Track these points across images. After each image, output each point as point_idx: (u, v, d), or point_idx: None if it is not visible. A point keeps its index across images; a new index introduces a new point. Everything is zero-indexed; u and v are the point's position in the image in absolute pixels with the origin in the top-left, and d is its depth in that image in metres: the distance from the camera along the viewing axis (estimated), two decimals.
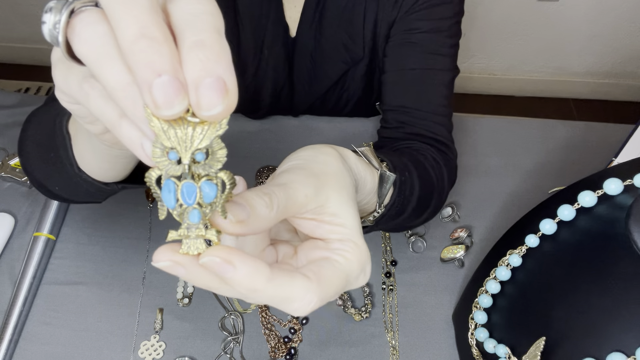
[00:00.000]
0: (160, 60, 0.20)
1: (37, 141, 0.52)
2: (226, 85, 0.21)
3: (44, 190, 0.58)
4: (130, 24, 0.21)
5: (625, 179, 0.43)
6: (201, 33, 0.21)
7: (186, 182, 0.23)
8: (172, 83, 0.20)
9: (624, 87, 1.87)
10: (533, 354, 0.42)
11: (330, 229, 0.30)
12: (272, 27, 0.71)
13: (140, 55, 0.20)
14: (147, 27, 0.21)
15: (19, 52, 2.00)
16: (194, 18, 0.22)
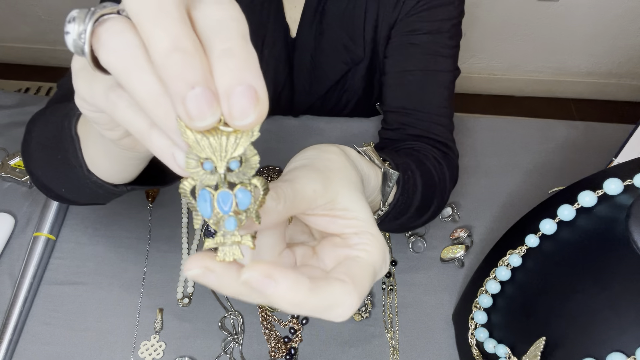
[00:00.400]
0: (193, 72, 0.20)
1: (43, 143, 0.52)
2: (257, 93, 0.21)
3: (48, 192, 0.58)
4: (163, 36, 0.20)
5: (625, 179, 0.43)
6: (229, 41, 0.21)
7: (222, 190, 0.23)
8: (205, 95, 0.20)
9: (624, 87, 1.87)
10: (533, 354, 0.42)
11: (345, 223, 0.30)
12: (272, 27, 0.71)
13: (174, 68, 0.20)
14: (179, 39, 0.20)
15: (19, 52, 2.00)
16: (220, 25, 0.22)
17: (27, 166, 0.57)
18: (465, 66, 1.86)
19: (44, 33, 1.91)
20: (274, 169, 0.73)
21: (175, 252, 0.65)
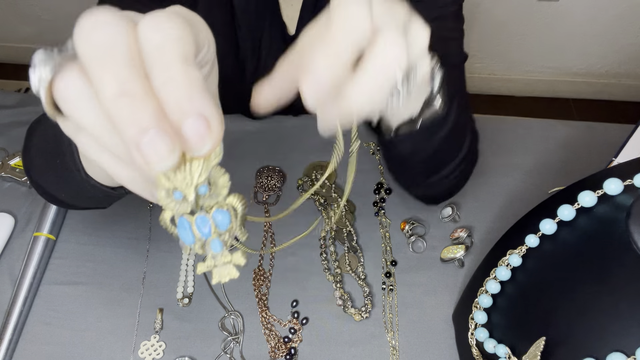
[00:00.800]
0: (143, 115, 0.19)
1: (42, 149, 0.52)
2: (207, 121, 0.21)
3: (49, 197, 0.58)
4: (108, 81, 0.20)
5: (625, 179, 0.43)
6: (169, 69, 0.20)
7: (198, 215, 0.23)
8: (159, 137, 0.19)
9: (624, 87, 1.87)
10: (533, 354, 0.42)
11: None
12: (269, 27, 0.71)
13: (122, 113, 0.19)
14: (126, 83, 0.20)
15: (19, 52, 2.00)
16: (159, 51, 0.21)
17: (28, 173, 0.58)
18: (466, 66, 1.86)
19: (44, 33, 1.91)
20: (274, 169, 0.73)
21: (175, 252, 0.65)
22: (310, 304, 0.62)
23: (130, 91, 0.20)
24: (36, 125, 0.56)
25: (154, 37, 0.21)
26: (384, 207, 0.70)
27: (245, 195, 0.71)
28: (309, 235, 0.67)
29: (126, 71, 0.20)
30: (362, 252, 0.66)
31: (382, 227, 0.68)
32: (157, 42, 0.21)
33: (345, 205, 0.69)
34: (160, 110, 0.20)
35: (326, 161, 0.74)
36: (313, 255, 0.65)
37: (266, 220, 0.69)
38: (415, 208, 0.70)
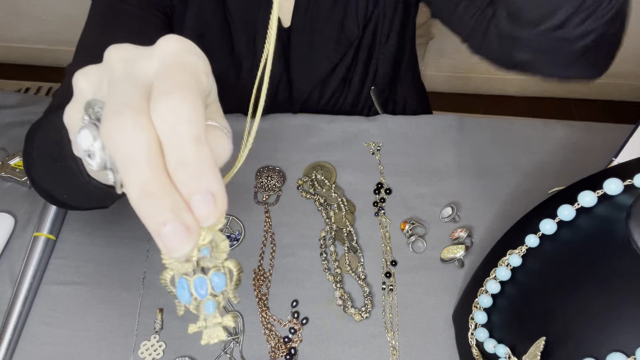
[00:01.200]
0: (162, 213, 0.23)
1: (43, 152, 0.52)
2: (214, 196, 0.24)
3: (51, 199, 0.59)
4: (133, 186, 0.23)
5: (625, 179, 0.43)
6: (182, 151, 0.23)
7: (197, 276, 0.25)
8: (175, 231, 0.23)
9: (624, 87, 1.87)
10: (533, 354, 0.42)
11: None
12: (262, 21, 0.71)
13: (145, 211, 0.23)
14: (147, 185, 0.23)
15: (19, 52, 2.00)
16: (173, 132, 0.23)
17: (30, 175, 0.58)
18: (465, 66, 1.86)
19: (44, 33, 1.91)
20: (274, 169, 0.73)
21: None
22: (310, 304, 0.62)
23: (151, 192, 0.23)
24: (36, 128, 0.56)
25: (169, 117, 0.23)
26: (384, 207, 0.70)
27: (246, 195, 0.71)
28: (308, 235, 0.67)
29: (147, 173, 0.23)
30: (362, 252, 0.66)
31: (382, 227, 0.68)
32: (172, 122, 0.23)
33: (345, 206, 0.69)
34: (178, 204, 0.23)
35: (326, 161, 0.74)
36: (313, 255, 0.65)
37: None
38: (415, 208, 0.70)
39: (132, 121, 0.23)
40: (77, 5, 1.79)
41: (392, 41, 0.78)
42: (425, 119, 0.80)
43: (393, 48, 0.79)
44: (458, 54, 1.82)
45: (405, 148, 0.76)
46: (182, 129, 0.23)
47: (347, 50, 0.76)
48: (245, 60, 0.75)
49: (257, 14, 0.71)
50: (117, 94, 0.25)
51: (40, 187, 0.59)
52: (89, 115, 0.26)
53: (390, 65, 0.81)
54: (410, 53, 0.86)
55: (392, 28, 0.77)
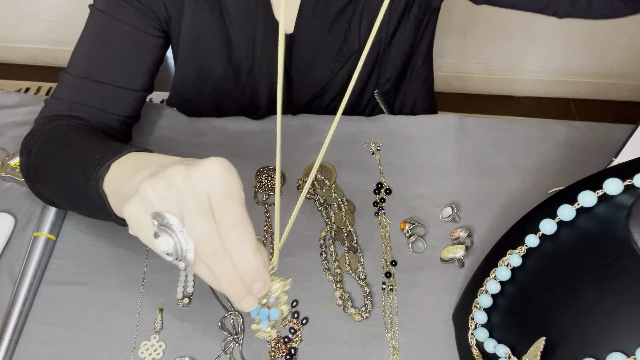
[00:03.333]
0: (241, 293, 0.39)
1: (58, 187, 0.58)
2: (265, 282, 0.40)
3: (52, 204, 0.64)
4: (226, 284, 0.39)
5: (625, 179, 0.43)
6: (249, 261, 0.38)
7: (262, 309, 0.42)
8: (248, 300, 0.40)
9: (624, 87, 1.87)
10: (533, 354, 0.42)
11: None
12: (262, 27, 0.71)
13: (231, 293, 0.39)
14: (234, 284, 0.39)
15: (19, 52, 2.00)
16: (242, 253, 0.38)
17: (32, 186, 0.63)
18: (465, 66, 1.86)
19: (44, 33, 1.91)
20: (274, 169, 0.73)
21: None
22: (310, 304, 0.62)
23: (235, 285, 0.39)
24: (40, 151, 0.60)
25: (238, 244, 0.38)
26: (384, 207, 0.70)
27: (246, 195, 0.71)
28: (308, 235, 0.67)
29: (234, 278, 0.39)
30: (362, 252, 0.66)
31: (382, 227, 0.68)
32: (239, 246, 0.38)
33: (345, 206, 0.69)
34: (247, 288, 0.39)
35: (326, 161, 0.74)
36: (313, 255, 0.65)
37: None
38: (415, 208, 0.70)
39: (223, 257, 0.38)
40: (77, 5, 1.79)
41: (401, 50, 0.78)
42: (425, 119, 0.80)
43: (402, 56, 0.79)
44: (458, 54, 1.83)
45: (405, 148, 0.76)
46: (247, 249, 0.38)
47: (348, 61, 0.76)
48: (243, 64, 0.75)
49: (255, 19, 0.71)
50: (192, 204, 0.37)
51: (42, 195, 0.61)
52: (157, 221, 0.38)
53: (397, 70, 0.81)
54: (426, 57, 0.85)
55: (402, 38, 0.77)
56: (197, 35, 0.71)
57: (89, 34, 0.68)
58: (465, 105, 1.88)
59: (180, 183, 0.37)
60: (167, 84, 0.81)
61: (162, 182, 0.38)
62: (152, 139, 0.77)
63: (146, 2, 0.67)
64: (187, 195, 0.37)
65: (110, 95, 0.67)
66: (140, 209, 0.39)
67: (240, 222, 0.37)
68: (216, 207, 0.37)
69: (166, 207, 0.37)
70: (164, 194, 0.37)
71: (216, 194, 0.37)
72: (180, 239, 0.37)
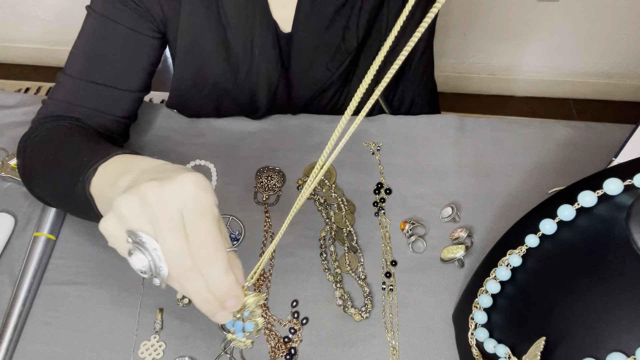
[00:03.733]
0: (214, 309, 0.40)
1: (51, 188, 0.59)
2: (237, 298, 0.40)
3: (47, 204, 0.65)
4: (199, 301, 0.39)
5: (625, 179, 0.43)
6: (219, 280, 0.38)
7: (237, 321, 0.43)
8: (221, 314, 0.41)
9: (624, 87, 1.87)
10: (533, 354, 0.42)
11: None
12: (259, 27, 0.71)
13: (205, 309, 0.40)
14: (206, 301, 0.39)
15: (19, 52, 2.00)
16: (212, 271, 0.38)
17: (28, 186, 0.64)
18: (465, 66, 1.86)
19: (44, 33, 1.91)
20: (274, 169, 0.73)
21: None
22: (310, 304, 0.62)
23: (208, 303, 0.39)
24: (35, 178, 0.61)
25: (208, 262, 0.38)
26: (384, 207, 0.70)
27: (246, 195, 0.71)
28: (308, 235, 0.67)
29: (206, 294, 0.39)
30: (362, 252, 0.66)
31: (382, 227, 0.68)
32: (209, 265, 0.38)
33: (345, 206, 0.69)
34: (220, 304, 0.40)
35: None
36: (313, 255, 0.65)
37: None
38: (415, 208, 0.70)
39: (194, 276, 0.38)
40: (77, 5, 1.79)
41: (400, 47, 0.78)
42: (425, 119, 0.80)
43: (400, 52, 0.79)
44: (458, 54, 1.83)
45: (405, 148, 0.76)
46: (218, 268, 0.38)
47: (347, 59, 0.76)
48: (242, 65, 0.75)
49: (253, 19, 0.71)
50: (164, 222, 0.37)
51: (37, 196, 0.62)
52: (131, 238, 0.38)
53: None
54: (424, 51, 0.85)
55: (400, 36, 0.77)
56: (195, 35, 0.71)
57: (86, 35, 0.68)
58: (465, 105, 1.88)
59: (153, 200, 0.37)
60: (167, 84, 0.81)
61: (134, 199, 0.37)
62: (151, 139, 0.78)
63: (142, 3, 0.67)
64: (159, 212, 0.36)
65: (106, 96, 0.68)
66: (115, 225, 0.39)
67: (212, 241, 0.37)
68: (188, 225, 0.37)
69: (139, 224, 0.37)
70: (137, 210, 0.37)
71: (188, 211, 0.37)
72: (154, 257, 0.37)
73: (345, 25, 0.72)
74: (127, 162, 0.48)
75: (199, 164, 0.74)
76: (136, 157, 0.49)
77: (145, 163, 0.45)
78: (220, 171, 0.73)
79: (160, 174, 0.40)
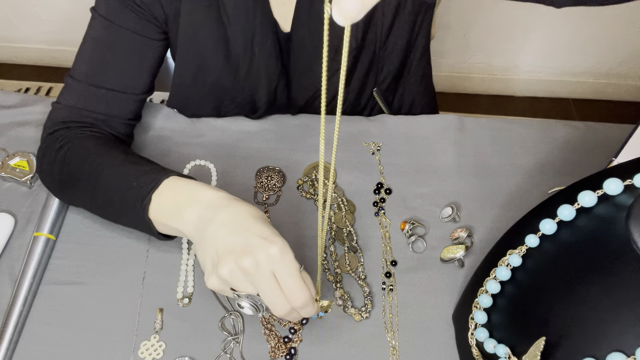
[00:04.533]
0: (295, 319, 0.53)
1: (97, 212, 0.65)
2: (313, 307, 0.52)
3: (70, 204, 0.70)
4: (280, 312, 0.51)
5: (625, 179, 0.43)
6: (300, 294, 0.50)
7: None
8: (294, 316, 0.52)
9: (624, 87, 1.87)
10: (533, 354, 0.42)
11: None
12: (259, 26, 0.71)
13: (289, 317, 0.52)
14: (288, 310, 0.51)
15: (19, 52, 2.00)
16: (295, 295, 0.50)
17: (62, 198, 0.68)
18: (465, 66, 1.86)
19: (44, 33, 1.91)
20: (274, 169, 0.73)
21: (175, 252, 0.65)
22: None
23: (290, 313, 0.51)
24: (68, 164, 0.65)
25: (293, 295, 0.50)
26: (384, 207, 0.70)
27: (246, 195, 0.71)
28: (308, 235, 0.67)
29: (287, 306, 0.50)
30: (362, 252, 0.66)
31: (382, 227, 0.68)
32: (295, 297, 0.50)
33: (345, 206, 0.69)
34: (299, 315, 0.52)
35: (326, 161, 0.74)
36: (313, 255, 0.65)
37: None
38: (415, 208, 0.70)
39: (292, 312, 0.51)
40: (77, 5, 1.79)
41: (398, 46, 0.78)
42: (425, 119, 0.80)
43: (399, 52, 0.79)
44: (458, 54, 1.83)
45: (405, 148, 0.76)
46: (307, 308, 0.51)
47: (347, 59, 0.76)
48: (242, 64, 0.75)
49: (254, 18, 0.71)
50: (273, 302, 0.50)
51: (73, 204, 0.69)
52: (237, 294, 0.51)
53: (395, 67, 0.81)
54: (423, 53, 0.85)
55: (399, 35, 0.76)
56: (194, 33, 0.71)
57: (91, 39, 0.69)
58: (465, 105, 1.88)
59: (252, 271, 0.48)
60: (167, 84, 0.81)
61: (237, 271, 0.49)
62: (151, 139, 0.78)
63: (145, 5, 0.67)
64: (260, 280, 0.49)
65: (114, 101, 0.70)
66: (220, 285, 0.51)
67: (299, 290, 0.50)
68: (282, 284, 0.49)
69: (243, 288, 0.50)
70: (240, 279, 0.49)
71: (281, 276, 0.49)
72: (256, 300, 0.51)
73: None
74: (180, 191, 0.56)
75: (199, 164, 0.74)
76: (188, 184, 0.57)
77: (205, 193, 0.55)
78: (220, 171, 0.73)
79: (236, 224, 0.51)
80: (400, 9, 0.74)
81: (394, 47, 0.78)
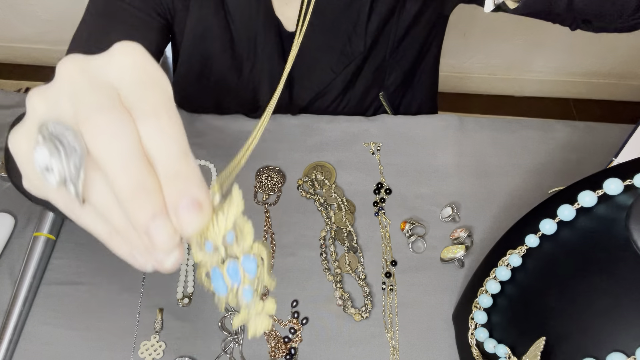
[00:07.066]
0: (155, 206, 0.23)
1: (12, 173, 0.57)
2: (200, 203, 0.24)
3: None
4: (127, 180, 0.23)
5: (625, 179, 0.43)
6: (174, 165, 0.24)
7: (229, 262, 0.24)
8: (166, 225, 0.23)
9: (624, 87, 1.87)
10: (533, 354, 0.42)
11: None
12: (262, 26, 0.71)
13: (136, 205, 0.23)
14: (144, 180, 0.23)
15: (19, 52, 2.00)
16: (163, 151, 0.24)
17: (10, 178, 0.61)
18: (466, 66, 1.86)
19: (44, 33, 1.91)
20: (274, 169, 0.73)
21: None
22: (310, 304, 0.62)
23: (146, 187, 0.23)
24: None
25: (158, 139, 0.24)
26: (384, 207, 0.70)
27: (246, 195, 0.71)
28: (308, 235, 0.67)
29: (142, 167, 0.24)
30: (362, 252, 0.66)
31: (382, 227, 0.68)
32: (160, 143, 0.24)
33: (345, 206, 0.69)
34: (164, 202, 0.24)
35: (326, 161, 0.74)
36: (313, 255, 0.65)
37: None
38: (415, 208, 0.70)
39: (121, 115, 0.24)
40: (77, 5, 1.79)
41: (408, 53, 0.78)
42: (425, 119, 0.80)
43: (410, 59, 0.79)
44: (458, 54, 1.82)
45: (405, 148, 0.76)
46: (172, 148, 0.24)
47: (352, 62, 0.76)
48: (245, 62, 0.75)
49: (257, 17, 0.71)
50: (91, 97, 0.24)
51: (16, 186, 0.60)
52: (42, 135, 0.24)
53: (403, 74, 0.81)
54: (434, 62, 0.85)
55: (412, 42, 0.77)
56: (203, 31, 0.72)
57: (90, 16, 0.69)
58: (465, 105, 1.88)
59: (77, 76, 0.25)
60: None
61: (51, 85, 0.26)
62: None
63: None
64: (86, 89, 0.25)
65: None
66: (24, 132, 0.26)
67: (166, 112, 0.25)
68: (129, 100, 0.25)
69: (57, 112, 0.25)
70: (53, 96, 0.26)
71: (129, 84, 0.25)
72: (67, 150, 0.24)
73: (352, 29, 0.72)
74: None
75: (199, 164, 0.74)
76: None
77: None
78: (220, 171, 0.73)
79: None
80: (419, 18, 0.74)
81: (405, 53, 0.78)
